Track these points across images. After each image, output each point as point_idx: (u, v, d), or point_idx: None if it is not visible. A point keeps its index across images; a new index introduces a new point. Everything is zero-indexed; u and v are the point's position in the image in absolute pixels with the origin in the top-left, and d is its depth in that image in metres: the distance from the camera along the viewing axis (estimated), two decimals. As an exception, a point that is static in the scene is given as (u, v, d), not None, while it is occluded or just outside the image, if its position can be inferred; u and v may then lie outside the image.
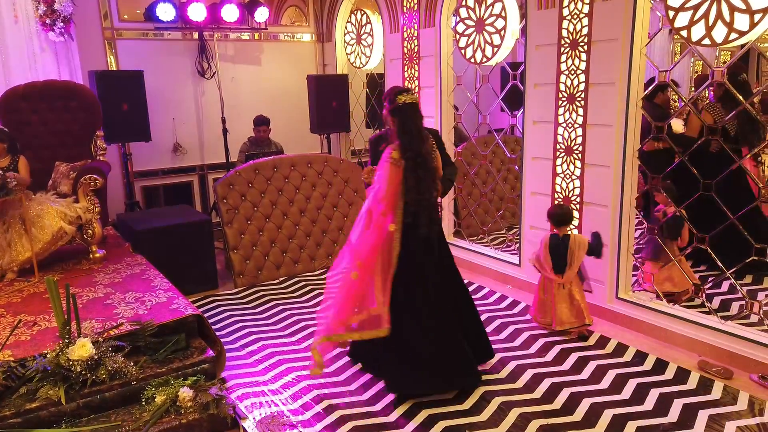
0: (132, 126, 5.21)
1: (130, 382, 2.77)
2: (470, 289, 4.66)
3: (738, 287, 3.70)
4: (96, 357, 2.68)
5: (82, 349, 2.66)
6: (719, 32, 3.10)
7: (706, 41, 3.17)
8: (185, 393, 2.73)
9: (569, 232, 3.84)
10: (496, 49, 4.50)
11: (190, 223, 4.72)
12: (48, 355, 2.67)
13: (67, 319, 2.74)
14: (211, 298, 4.61)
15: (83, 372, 2.64)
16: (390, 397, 3.12)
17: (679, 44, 8.52)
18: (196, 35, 6.06)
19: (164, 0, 5.54)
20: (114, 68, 5.68)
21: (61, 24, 4.95)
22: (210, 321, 3.76)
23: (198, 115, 6.28)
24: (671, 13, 3.30)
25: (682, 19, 3.25)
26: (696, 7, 3.17)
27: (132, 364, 2.81)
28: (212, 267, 4.89)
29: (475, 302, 4.35)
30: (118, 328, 2.96)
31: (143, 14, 5.73)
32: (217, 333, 3.43)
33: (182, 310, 3.17)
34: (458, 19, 4.79)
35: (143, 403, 2.73)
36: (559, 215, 3.84)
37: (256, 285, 4.88)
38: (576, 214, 4.08)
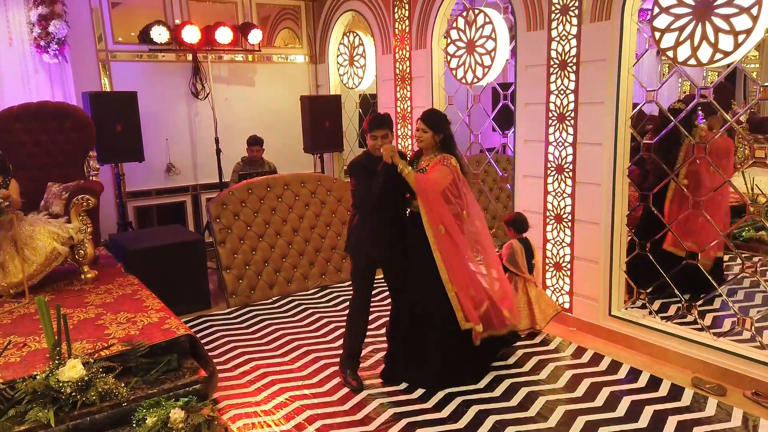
0: (125, 146, 5.23)
1: (121, 404, 2.73)
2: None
3: (730, 304, 3.73)
4: (86, 378, 2.64)
5: (73, 370, 2.63)
6: (704, 53, 3.16)
7: (692, 61, 3.23)
8: (177, 414, 2.69)
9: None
10: (486, 69, 4.57)
11: (183, 243, 4.71)
12: (38, 377, 2.64)
13: (57, 339, 2.71)
14: (204, 318, 4.58)
15: (73, 393, 2.60)
16: (385, 416, 3.10)
17: (667, 65, 8.68)
18: (190, 57, 6.12)
19: (158, 23, 5.60)
20: (108, 89, 5.71)
21: (56, 46, 4.99)
22: (202, 341, 3.73)
23: (191, 135, 6.31)
24: (657, 35, 3.37)
25: (668, 40, 3.32)
26: (681, 29, 3.24)
27: (123, 385, 2.77)
28: (205, 287, 4.87)
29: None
30: (109, 348, 2.93)
31: (137, 36, 5.78)
32: (210, 353, 3.41)
33: (174, 330, 3.14)
34: (449, 40, 4.86)
35: (134, 425, 2.68)
36: (524, 221, 4.16)
37: (249, 305, 4.86)
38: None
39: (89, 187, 4.13)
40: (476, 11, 4.54)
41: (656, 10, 3.33)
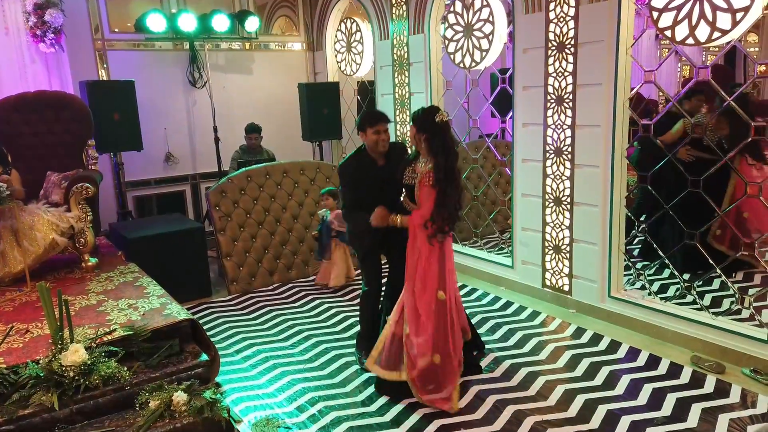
0: (123, 136, 5.22)
1: (124, 388, 2.75)
2: (464, 291, 4.69)
3: (729, 283, 3.74)
4: (89, 362, 2.67)
5: (75, 354, 2.65)
6: (702, 31, 3.15)
7: (690, 41, 3.22)
8: (179, 397, 2.71)
9: None
10: (484, 53, 4.55)
11: (183, 231, 4.72)
12: (41, 361, 2.66)
13: (59, 325, 2.73)
14: (205, 305, 4.61)
15: (76, 378, 2.62)
16: (386, 397, 3.12)
17: (666, 49, 8.64)
18: (187, 45, 6.10)
19: (155, 11, 5.58)
20: (105, 79, 5.70)
21: (52, 35, 4.97)
22: (204, 327, 3.75)
23: (190, 124, 6.30)
24: (655, 14, 3.35)
25: (665, 20, 3.31)
26: (679, 8, 3.22)
27: (125, 369, 2.80)
28: (206, 275, 4.89)
29: (470, 304, 4.40)
30: (111, 333, 2.95)
31: (134, 25, 5.76)
32: (212, 339, 3.42)
33: (175, 316, 3.16)
34: (447, 24, 4.84)
35: (137, 408, 2.71)
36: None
37: (250, 292, 4.88)
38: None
39: (89, 175, 4.13)
40: (473, -6, 4.52)
41: (654, -11, 3.32)
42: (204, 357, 3.05)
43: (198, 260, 4.79)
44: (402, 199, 3.24)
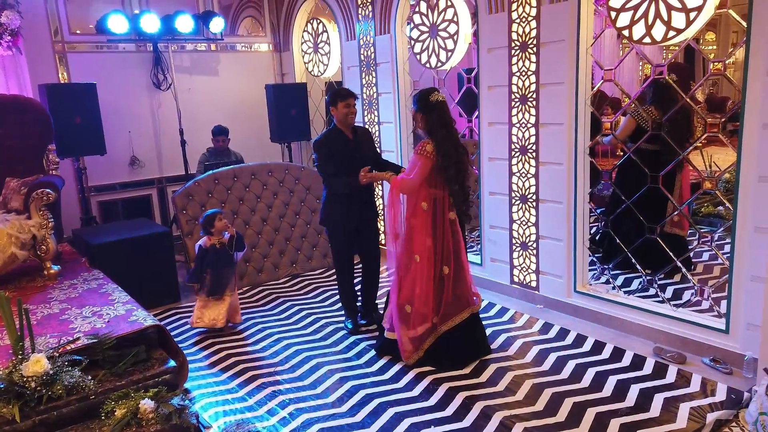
0: (86, 139, 5.12)
1: (89, 397, 2.70)
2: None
3: (689, 276, 3.86)
4: (51, 372, 2.60)
5: (37, 364, 2.58)
6: (658, 31, 3.24)
7: (647, 39, 3.31)
8: (146, 405, 2.67)
9: None
10: (450, 53, 4.60)
11: (149, 236, 4.64)
12: (0, 373, 2.59)
13: (20, 335, 2.66)
14: (173, 311, 4.54)
15: (38, 388, 2.56)
16: (357, 397, 3.13)
17: (627, 48, 8.84)
18: (150, 47, 5.99)
19: (116, 11, 5.47)
20: (66, 81, 5.57)
21: (9, 37, 4.84)
22: (172, 333, 3.69)
23: (155, 127, 6.20)
24: (613, 14, 3.43)
25: (623, 20, 3.39)
26: (636, 8, 3.31)
27: (90, 378, 2.74)
28: (174, 280, 4.81)
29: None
30: (75, 342, 2.89)
31: (95, 27, 5.64)
32: (180, 345, 3.38)
33: (141, 322, 3.11)
34: (412, 25, 4.87)
35: (102, 418, 2.66)
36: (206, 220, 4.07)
37: (220, 296, 4.82)
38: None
39: (49, 181, 4.03)
40: (438, -5, 4.56)
41: (611, -10, 3.40)
42: (171, 363, 3.00)
43: (165, 265, 4.71)
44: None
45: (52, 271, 3.93)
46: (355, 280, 4.11)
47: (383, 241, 4.93)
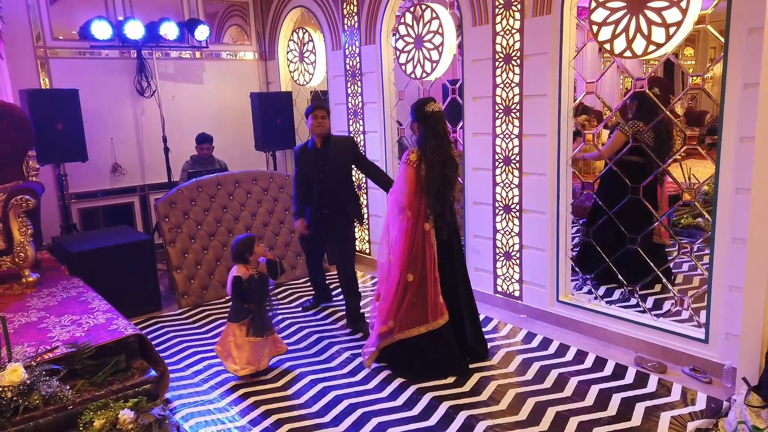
0: (67, 146, 5.05)
1: (67, 407, 2.64)
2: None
3: (669, 286, 3.91)
4: (28, 382, 2.55)
5: (13, 374, 2.53)
6: (639, 45, 3.31)
7: (628, 53, 3.37)
8: (125, 415, 2.63)
9: None
10: (434, 64, 4.63)
11: (130, 244, 4.58)
12: (-25, 383, 2.53)
13: (-4, 344, 2.61)
14: (155, 320, 4.49)
15: (14, 398, 2.50)
16: (341, 407, 3.11)
17: (609, 61, 8.99)
18: (134, 54, 5.96)
19: (99, 17, 5.43)
20: (48, 87, 5.50)
21: (-11, 42, 4.78)
22: (153, 343, 3.65)
23: (138, 134, 6.15)
24: (595, 28, 3.49)
25: (605, 34, 3.45)
26: (617, 22, 3.37)
27: (68, 388, 2.69)
28: (155, 288, 4.76)
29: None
30: (53, 351, 2.83)
31: (78, 33, 5.60)
32: (161, 354, 3.34)
33: (122, 331, 3.06)
34: (398, 36, 4.91)
35: (81, 429, 2.61)
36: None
37: (201, 305, 4.78)
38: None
39: (29, 187, 3.97)
40: (423, 7, 4.60)
41: (593, 4, 3.46)
42: (152, 373, 2.96)
43: (147, 273, 4.66)
44: None
45: (30, 279, 3.86)
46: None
47: (370, 250, 4.92)
